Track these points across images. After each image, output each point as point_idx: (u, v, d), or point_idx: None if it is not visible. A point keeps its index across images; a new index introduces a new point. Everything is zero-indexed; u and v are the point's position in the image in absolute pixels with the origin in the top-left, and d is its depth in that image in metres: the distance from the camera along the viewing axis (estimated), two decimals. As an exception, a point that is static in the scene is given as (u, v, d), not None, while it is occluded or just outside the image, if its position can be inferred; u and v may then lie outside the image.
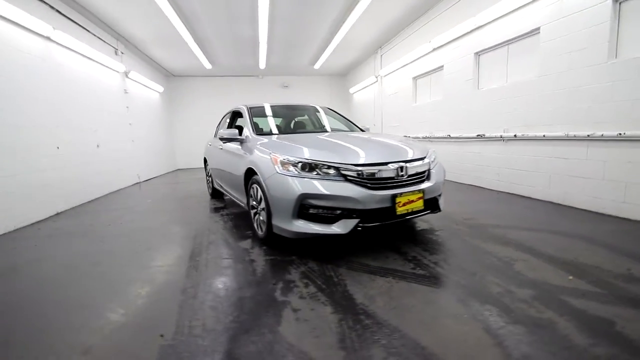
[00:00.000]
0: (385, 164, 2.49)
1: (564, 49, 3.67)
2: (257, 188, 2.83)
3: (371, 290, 1.96)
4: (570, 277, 2.06)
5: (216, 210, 4.48)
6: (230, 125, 4.43)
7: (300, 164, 2.44)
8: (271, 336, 1.55)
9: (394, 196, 2.39)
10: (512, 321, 1.60)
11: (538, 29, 4.00)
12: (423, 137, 6.72)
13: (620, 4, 3.15)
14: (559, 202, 3.86)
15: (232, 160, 3.61)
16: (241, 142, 3.48)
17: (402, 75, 7.61)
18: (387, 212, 2.41)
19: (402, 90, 7.70)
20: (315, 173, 2.41)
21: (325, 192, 2.32)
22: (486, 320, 1.62)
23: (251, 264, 2.46)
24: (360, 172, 2.39)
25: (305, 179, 2.38)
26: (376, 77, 9.14)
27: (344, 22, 6.82)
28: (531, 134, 4.17)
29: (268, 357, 1.40)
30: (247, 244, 2.96)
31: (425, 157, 2.76)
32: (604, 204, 3.37)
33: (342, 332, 1.56)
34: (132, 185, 7.43)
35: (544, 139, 3.98)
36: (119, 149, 6.82)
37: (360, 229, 2.38)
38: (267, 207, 2.63)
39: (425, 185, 2.60)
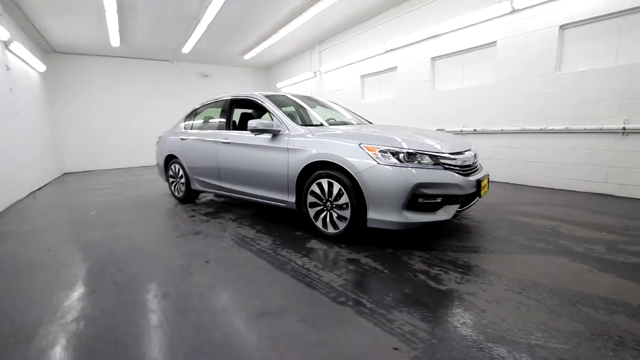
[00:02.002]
0: (464, 152, 2.69)
1: (519, 60, 4.63)
2: (330, 183, 2.61)
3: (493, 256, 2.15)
4: (604, 233, 2.73)
5: (239, 224, 3.81)
6: (228, 118, 3.82)
7: (402, 154, 2.40)
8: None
9: (479, 181, 2.61)
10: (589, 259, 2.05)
11: (495, 42, 4.91)
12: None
13: (563, 30, 4.19)
14: (516, 182, 4.88)
15: (262, 155, 3.17)
16: (274, 134, 3.10)
17: (349, 72, 7.96)
18: (474, 195, 2.63)
19: (348, 87, 8.05)
20: (417, 162, 2.41)
21: (440, 180, 2.36)
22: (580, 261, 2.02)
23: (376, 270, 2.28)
24: (455, 160, 2.52)
25: (416, 168, 2.36)
26: (314, 72, 9.25)
27: (295, 17, 6.70)
28: (490, 128, 5.09)
29: None
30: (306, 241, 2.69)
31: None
32: (554, 181, 4.45)
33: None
34: (26, 196, 5.49)
35: (503, 132, 4.94)
36: (4, 146, 4.90)
37: (457, 214, 2.53)
38: (352, 201, 2.47)
39: (484, 170, 2.93)
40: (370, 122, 4.06)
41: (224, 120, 3.84)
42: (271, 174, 3.10)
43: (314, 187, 2.75)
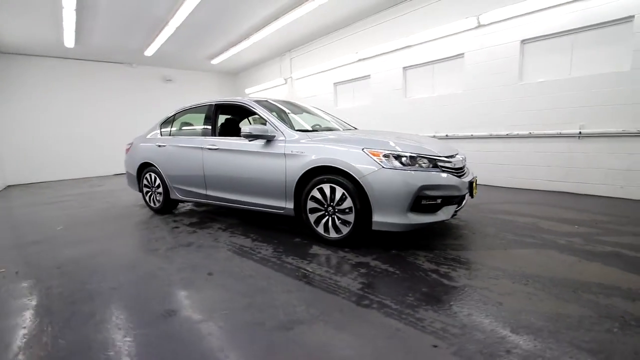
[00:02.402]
0: (455, 156, 2.85)
1: (485, 71, 5.02)
2: (333, 188, 2.61)
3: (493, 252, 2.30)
4: (576, 226, 3.02)
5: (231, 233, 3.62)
6: (213, 123, 3.67)
7: (404, 158, 2.48)
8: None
9: (471, 182, 2.78)
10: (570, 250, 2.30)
11: (463, 54, 5.28)
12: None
13: (524, 44, 4.63)
14: (486, 183, 5.24)
15: (256, 162, 3.09)
16: (268, 140, 3.04)
17: (321, 80, 8.07)
18: (465, 197, 2.78)
19: (321, 94, 8.14)
20: (417, 166, 2.50)
21: (442, 182, 2.47)
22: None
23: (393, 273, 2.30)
24: (450, 163, 2.66)
25: (418, 171, 2.45)
26: (285, 79, 9.24)
27: (267, 25, 6.69)
28: (461, 134, 5.44)
29: None
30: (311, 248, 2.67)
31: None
32: (520, 182, 4.85)
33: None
34: (-32, 211, 4.80)
35: (472, 137, 5.30)
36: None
37: (455, 214, 2.66)
38: (356, 205, 2.50)
39: (471, 173, 3.11)
40: (355, 128, 4.13)
41: (209, 126, 3.68)
42: (267, 181, 3.03)
43: (315, 193, 2.73)
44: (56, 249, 2.98)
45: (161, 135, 4.23)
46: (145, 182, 4.31)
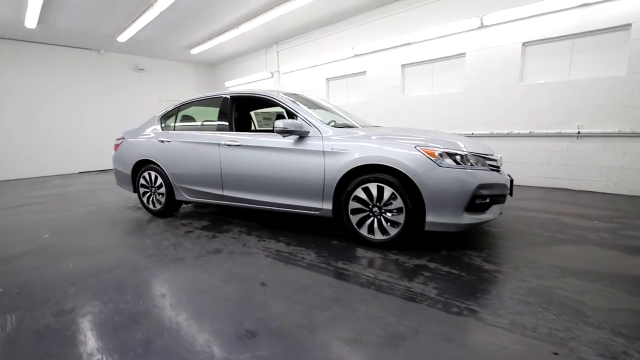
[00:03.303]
0: (494, 154, 2.85)
1: (487, 71, 5.16)
2: (380, 187, 2.49)
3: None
4: (596, 222, 3.18)
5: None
6: (230, 118, 3.36)
7: (458, 156, 2.42)
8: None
9: (511, 181, 2.80)
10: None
11: (464, 53, 5.38)
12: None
13: (525, 46, 4.82)
14: (485, 180, 5.41)
15: (287, 159, 2.87)
16: (301, 136, 2.85)
17: (313, 74, 7.86)
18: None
19: (312, 89, 7.94)
20: (469, 164, 2.46)
21: (494, 181, 2.44)
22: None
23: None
24: (495, 161, 2.65)
25: (475, 170, 2.40)
26: (272, 73, 8.91)
27: (258, 15, 6.39)
28: (461, 132, 5.56)
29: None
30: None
31: None
32: (520, 179, 5.06)
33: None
34: None
35: (473, 136, 5.43)
36: None
37: (501, 213, 2.66)
38: (408, 205, 2.41)
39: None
40: (378, 126, 4.02)
41: (225, 120, 3.38)
42: (301, 180, 2.83)
43: (359, 193, 2.59)
44: (56, 262, 2.55)
45: (162, 129, 3.82)
46: (142, 181, 3.88)
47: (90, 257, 2.63)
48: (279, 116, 4.23)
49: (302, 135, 2.85)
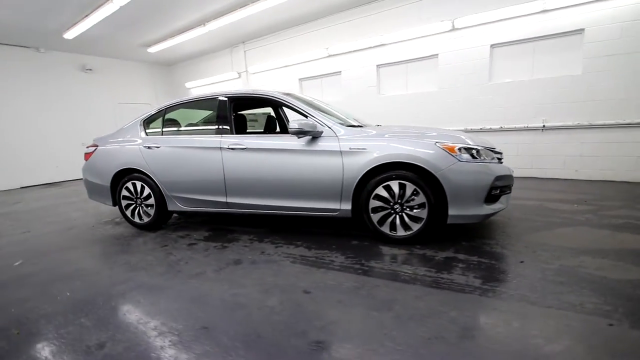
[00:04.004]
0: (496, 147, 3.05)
1: (459, 71, 5.50)
2: (402, 184, 2.53)
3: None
4: (575, 205, 3.56)
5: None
6: (230, 120, 3.17)
7: (474, 151, 2.54)
8: None
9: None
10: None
11: (437, 54, 5.68)
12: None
13: (493, 48, 5.22)
14: (462, 173, 5.76)
15: (301, 161, 2.79)
16: (314, 136, 2.79)
17: (284, 75, 7.74)
18: (511, 185, 3.01)
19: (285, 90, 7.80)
20: (483, 158, 2.60)
21: (506, 173, 2.60)
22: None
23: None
24: (500, 155, 2.83)
25: (489, 163, 2.54)
26: (239, 73, 8.60)
27: (226, 14, 6.19)
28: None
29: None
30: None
31: None
32: (493, 170, 5.47)
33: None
34: None
35: (448, 131, 5.75)
36: None
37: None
38: (430, 200, 2.48)
39: None
40: (379, 125, 4.06)
41: (225, 122, 3.17)
42: (317, 181, 2.76)
43: (380, 191, 2.61)
44: (45, 291, 2.20)
45: (148, 134, 3.49)
46: (125, 193, 3.50)
47: (87, 282, 2.31)
48: (269, 118, 4.13)
49: (315, 136, 2.78)
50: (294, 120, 2.70)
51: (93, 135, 8.36)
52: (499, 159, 2.78)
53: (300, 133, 2.72)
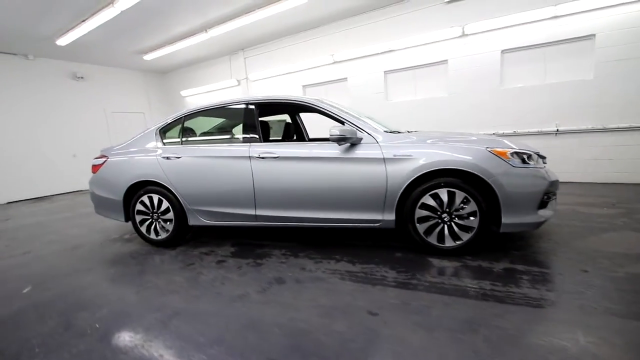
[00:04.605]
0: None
1: (469, 77, 5.50)
2: (451, 192, 2.41)
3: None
4: (605, 209, 3.52)
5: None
6: (259, 127, 2.99)
7: (525, 156, 2.44)
8: None
9: (551, 178, 2.94)
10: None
11: (447, 60, 5.67)
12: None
13: (504, 53, 5.24)
14: (474, 179, 5.73)
15: (340, 170, 2.62)
16: (353, 143, 2.64)
17: (287, 82, 7.60)
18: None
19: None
20: (534, 163, 2.49)
21: (555, 178, 2.52)
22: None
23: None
24: (544, 158, 2.75)
25: (541, 168, 2.45)
26: (238, 80, 8.41)
27: (229, 20, 6.06)
28: (448, 134, 5.82)
29: None
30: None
31: None
32: (506, 175, 5.45)
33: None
34: None
35: (460, 137, 5.72)
36: None
37: (550, 208, 2.76)
38: (482, 208, 2.37)
39: None
40: (410, 131, 3.94)
41: (253, 130, 2.99)
42: (359, 191, 2.60)
43: (427, 200, 2.47)
44: (69, 321, 1.94)
45: (165, 144, 3.26)
46: (140, 207, 3.24)
47: (116, 310, 2.05)
48: (287, 125, 3.97)
49: (354, 143, 2.63)
50: (334, 126, 2.55)
51: (84, 146, 8.02)
52: (544, 163, 2.70)
53: (341, 140, 2.56)
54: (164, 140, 3.29)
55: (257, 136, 2.97)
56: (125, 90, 9.25)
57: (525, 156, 2.44)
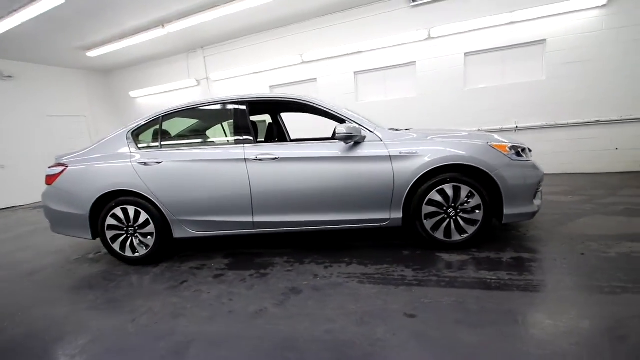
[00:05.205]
0: None
1: (436, 78, 5.76)
2: (456, 187, 2.45)
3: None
4: (570, 197, 3.88)
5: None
6: (252, 127, 2.78)
7: (520, 149, 2.57)
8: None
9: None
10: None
11: (415, 62, 5.88)
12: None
13: (467, 56, 5.57)
14: (444, 175, 6.00)
15: (344, 169, 2.55)
16: (357, 142, 2.58)
17: (252, 82, 7.31)
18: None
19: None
20: (527, 156, 2.64)
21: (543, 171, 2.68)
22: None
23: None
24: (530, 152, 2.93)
25: (533, 161, 2.59)
26: (197, 80, 7.91)
27: (186, 17, 5.69)
28: (418, 133, 6.04)
29: None
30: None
31: None
32: (473, 169, 5.80)
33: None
34: None
35: (430, 135, 5.96)
36: None
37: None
38: (486, 200, 2.45)
39: None
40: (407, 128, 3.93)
41: (246, 131, 2.77)
42: (366, 190, 2.54)
43: (434, 196, 2.49)
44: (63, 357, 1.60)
45: (139, 148, 2.88)
46: (111, 221, 2.82)
47: (113, 344, 1.74)
48: (270, 125, 3.78)
49: (358, 141, 2.57)
50: (341, 125, 2.46)
51: (15, 155, 6.94)
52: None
53: (348, 138, 2.48)
54: (138, 144, 2.91)
55: (250, 137, 2.76)
56: (64, 91, 8.19)
57: (519, 149, 2.57)
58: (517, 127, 5.38)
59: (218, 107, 2.94)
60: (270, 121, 3.96)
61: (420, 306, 1.82)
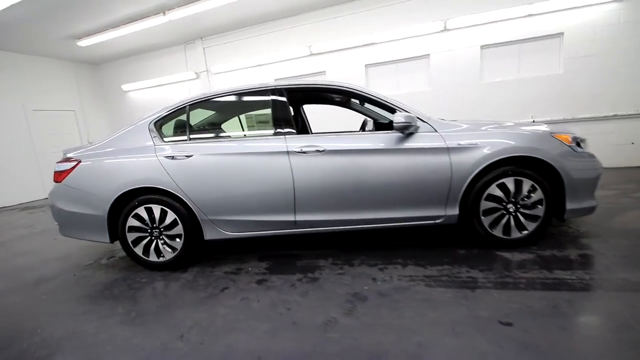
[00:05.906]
0: None
1: (451, 71, 5.63)
2: (518, 181, 2.30)
3: None
4: (602, 191, 3.81)
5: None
6: (288, 117, 2.54)
7: (580, 141, 2.44)
8: None
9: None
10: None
11: (429, 54, 5.73)
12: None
13: (483, 49, 5.47)
14: (458, 170, 5.90)
15: (397, 162, 2.35)
16: (409, 134, 2.38)
17: (256, 75, 6.99)
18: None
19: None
20: (586, 148, 2.51)
21: (603, 163, 2.57)
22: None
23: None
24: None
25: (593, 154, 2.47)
26: (197, 73, 7.52)
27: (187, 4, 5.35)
28: (432, 127, 5.91)
29: None
30: (514, 255, 2.28)
31: None
32: (488, 165, 5.72)
33: None
34: None
35: (444, 130, 5.84)
36: None
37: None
38: (549, 195, 2.30)
39: None
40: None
41: (286, 121, 2.53)
42: (421, 185, 2.35)
43: (493, 190, 2.33)
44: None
45: (164, 141, 2.59)
46: (133, 222, 2.53)
47: (171, 366, 1.48)
48: (275, 118, 3.51)
49: (412, 132, 2.37)
50: (399, 113, 2.26)
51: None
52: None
53: (405, 128, 2.27)
54: (163, 137, 2.62)
55: (292, 129, 2.51)
56: (51, 84, 7.62)
57: (579, 141, 2.43)
58: (534, 121, 5.31)
59: (253, 95, 2.68)
60: (293, 113, 3.73)
61: (512, 312, 1.64)
